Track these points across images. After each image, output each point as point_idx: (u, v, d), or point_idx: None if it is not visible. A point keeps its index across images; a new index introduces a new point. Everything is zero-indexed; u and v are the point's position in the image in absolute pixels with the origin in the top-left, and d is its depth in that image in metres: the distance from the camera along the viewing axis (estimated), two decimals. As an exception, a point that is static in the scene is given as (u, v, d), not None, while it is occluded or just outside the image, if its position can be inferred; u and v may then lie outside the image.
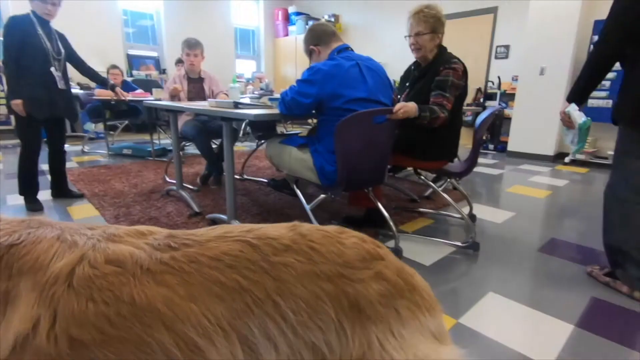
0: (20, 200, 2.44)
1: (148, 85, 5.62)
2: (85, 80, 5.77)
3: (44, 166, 2.48)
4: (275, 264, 0.53)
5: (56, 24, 2.40)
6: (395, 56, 6.67)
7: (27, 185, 2.40)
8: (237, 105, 1.75)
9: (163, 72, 6.91)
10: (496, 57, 5.37)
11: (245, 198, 2.69)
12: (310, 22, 7.56)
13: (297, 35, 7.80)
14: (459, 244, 1.96)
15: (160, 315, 0.47)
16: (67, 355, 0.45)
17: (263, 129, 3.11)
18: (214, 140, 3.03)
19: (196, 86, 3.09)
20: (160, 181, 3.09)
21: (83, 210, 2.38)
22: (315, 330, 0.51)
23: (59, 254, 0.51)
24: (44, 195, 2.60)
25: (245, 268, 0.52)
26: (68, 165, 2.78)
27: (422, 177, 2.06)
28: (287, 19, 8.13)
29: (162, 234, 0.58)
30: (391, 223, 1.84)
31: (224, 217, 2.04)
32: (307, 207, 1.62)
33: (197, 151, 4.20)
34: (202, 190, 2.87)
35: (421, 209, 2.52)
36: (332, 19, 7.36)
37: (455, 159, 2.32)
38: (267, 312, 0.50)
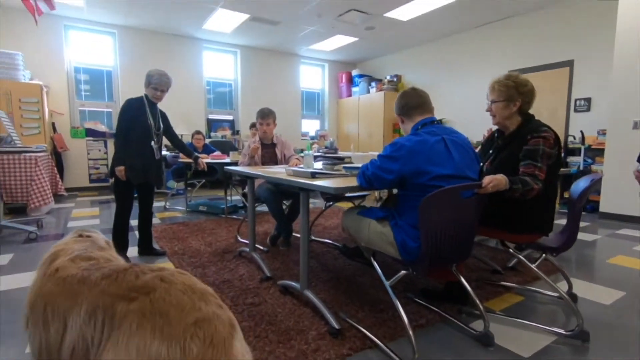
0: (112, 256, 2.67)
1: (224, 145, 6.12)
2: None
3: (133, 222, 2.74)
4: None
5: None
6: (458, 114, 6.58)
7: (119, 241, 2.63)
8: (314, 175, 1.79)
9: (236, 133, 7.54)
10: (576, 111, 5.02)
11: (313, 261, 2.65)
12: (374, 84, 7.87)
13: (359, 95, 8.14)
14: (562, 331, 1.68)
15: (68, 300, 0.86)
16: (44, 309, 0.87)
17: (331, 190, 3.14)
18: (284, 202, 3.11)
19: (269, 151, 3.28)
20: (232, 240, 3.20)
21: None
22: None
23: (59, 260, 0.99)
24: (132, 252, 2.82)
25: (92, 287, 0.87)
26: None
27: (510, 249, 1.87)
28: (351, 81, 8.57)
29: (91, 262, 0.97)
30: (477, 301, 1.65)
31: (296, 285, 2.00)
32: (387, 283, 1.53)
33: (265, 209, 4.36)
34: (271, 250, 2.91)
35: (506, 283, 2.26)
36: (395, 79, 7.59)
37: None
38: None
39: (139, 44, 6.42)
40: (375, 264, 1.63)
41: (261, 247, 2.93)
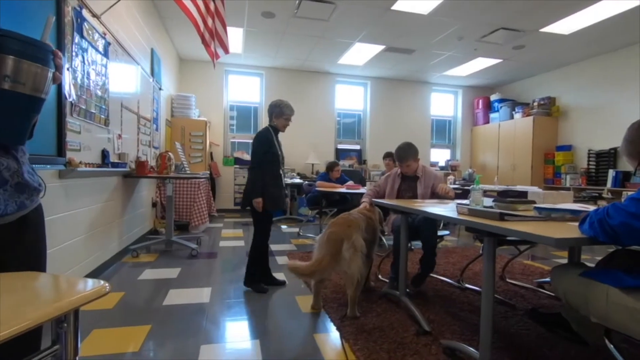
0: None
1: (353, 174, 6.13)
2: (304, 171, 6.81)
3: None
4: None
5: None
6: None
7: (261, 264, 2.73)
8: (503, 216, 1.45)
9: (363, 162, 7.53)
10: None
11: (474, 316, 2.22)
12: (519, 108, 6.94)
13: (500, 122, 7.29)
14: None
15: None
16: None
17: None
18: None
19: (411, 185, 2.95)
20: (372, 277, 2.99)
21: (308, 301, 2.42)
22: None
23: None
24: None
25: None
26: (287, 247, 2.99)
27: None
28: (488, 107, 7.79)
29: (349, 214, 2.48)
30: None
31: (473, 351, 1.63)
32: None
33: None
34: (414, 294, 2.58)
35: None
36: (547, 102, 6.56)
37: None
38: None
39: (282, 82, 7.07)
40: (614, 350, 1.16)
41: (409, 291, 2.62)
